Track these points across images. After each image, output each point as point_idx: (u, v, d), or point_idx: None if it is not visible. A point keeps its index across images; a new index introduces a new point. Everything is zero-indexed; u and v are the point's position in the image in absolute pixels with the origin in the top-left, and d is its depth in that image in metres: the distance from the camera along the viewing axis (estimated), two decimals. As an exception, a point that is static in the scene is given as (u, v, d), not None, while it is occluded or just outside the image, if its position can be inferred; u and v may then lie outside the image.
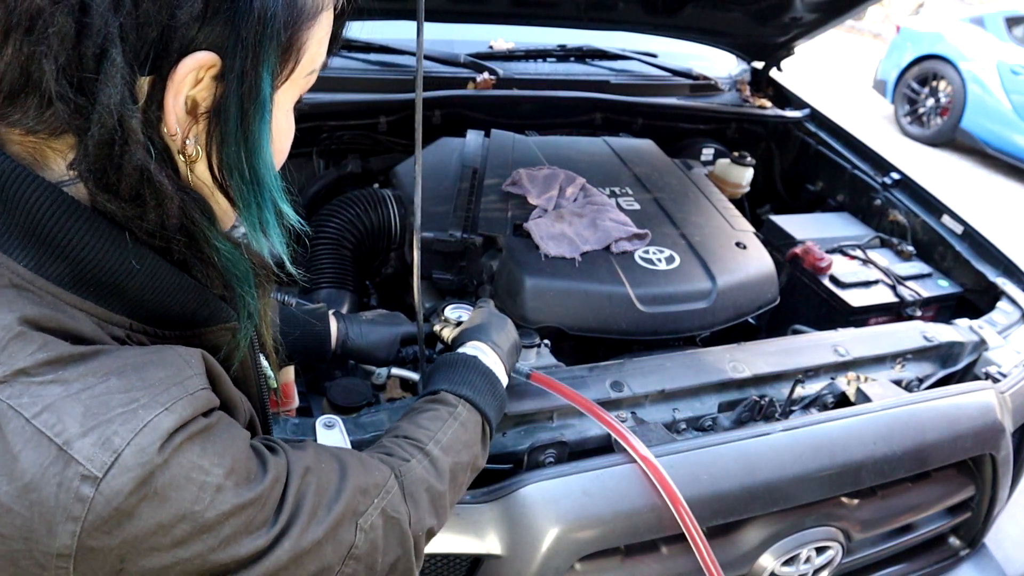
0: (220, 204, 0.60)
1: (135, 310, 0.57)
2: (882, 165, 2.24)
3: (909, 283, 1.86)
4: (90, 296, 0.54)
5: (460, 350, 1.03)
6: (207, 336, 0.64)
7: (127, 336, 0.57)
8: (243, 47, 0.51)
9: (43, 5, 0.47)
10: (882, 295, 1.81)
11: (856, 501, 1.31)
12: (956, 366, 1.59)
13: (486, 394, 0.94)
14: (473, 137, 1.99)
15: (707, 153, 2.46)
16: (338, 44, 0.68)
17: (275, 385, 0.84)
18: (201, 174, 0.57)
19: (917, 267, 1.94)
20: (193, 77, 0.51)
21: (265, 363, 0.82)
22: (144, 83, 0.51)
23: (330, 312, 1.22)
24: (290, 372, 1.23)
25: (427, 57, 2.17)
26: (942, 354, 1.60)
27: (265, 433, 0.78)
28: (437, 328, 1.26)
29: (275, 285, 0.77)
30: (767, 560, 1.23)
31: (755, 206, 2.49)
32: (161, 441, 0.49)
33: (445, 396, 0.91)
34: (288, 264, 0.63)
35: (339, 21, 0.66)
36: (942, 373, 1.57)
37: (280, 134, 0.61)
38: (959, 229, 1.98)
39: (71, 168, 0.52)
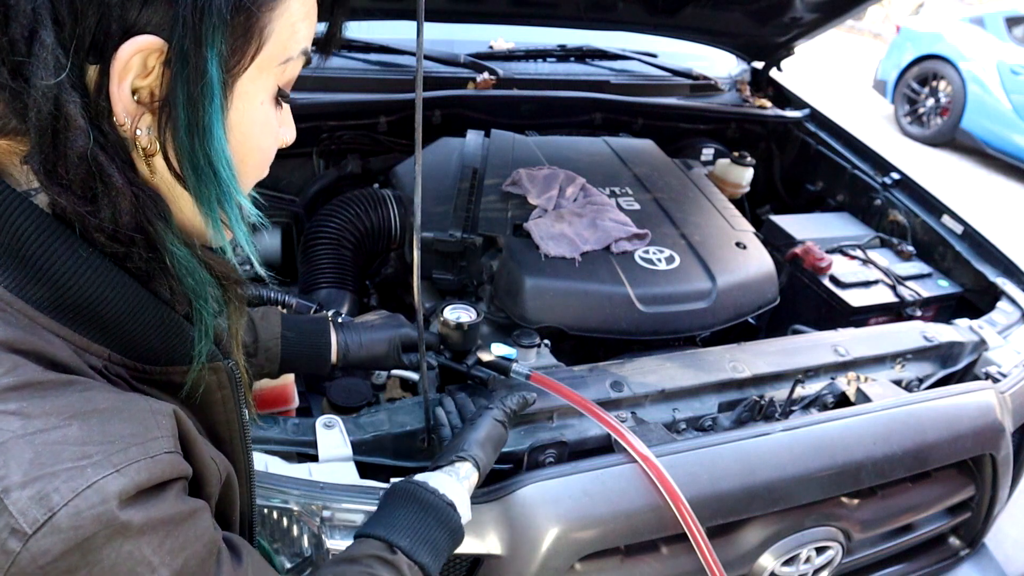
0: (185, 206, 0.57)
1: (113, 340, 0.54)
2: (882, 165, 2.24)
3: (909, 283, 1.86)
4: (67, 322, 0.52)
5: (434, 476, 0.92)
6: (186, 374, 0.61)
7: (104, 367, 0.54)
8: (183, 28, 0.48)
9: None
10: (882, 295, 1.81)
11: (856, 501, 1.31)
12: (956, 366, 1.59)
13: (427, 548, 0.82)
14: (473, 137, 1.99)
15: (707, 153, 2.46)
16: (335, 42, 0.65)
17: (253, 417, 0.78)
18: (160, 169, 0.54)
19: (917, 267, 1.94)
20: (140, 63, 0.48)
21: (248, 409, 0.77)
22: (92, 71, 0.49)
23: (330, 321, 1.20)
24: (290, 373, 1.23)
25: (427, 57, 2.17)
26: (942, 354, 1.60)
27: (248, 487, 0.74)
28: (439, 329, 1.26)
29: (247, 307, 0.73)
30: (767, 560, 1.23)
31: (755, 206, 2.49)
32: (103, 506, 0.45)
33: (375, 547, 0.79)
34: (256, 264, 0.59)
35: (332, 15, 0.64)
36: (942, 373, 1.57)
37: (252, 125, 0.57)
38: (959, 229, 1.98)
39: (24, 162, 0.50)
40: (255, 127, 0.57)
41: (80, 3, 0.46)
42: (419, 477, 0.92)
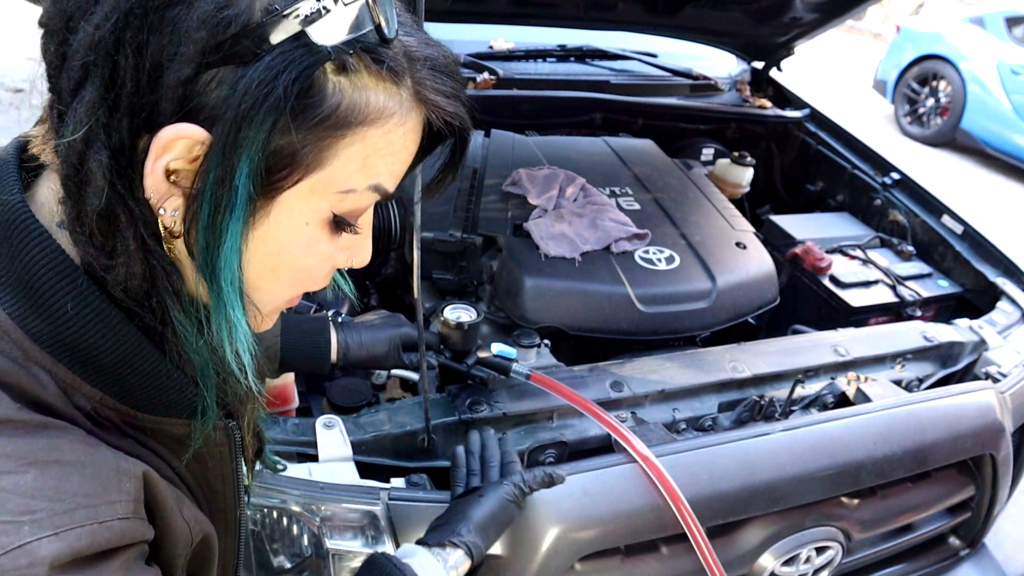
0: (203, 291, 0.54)
1: (107, 385, 0.53)
2: (882, 165, 2.24)
3: (909, 283, 1.86)
4: (63, 359, 0.50)
5: (420, 559, 0.86)
6: (181, 427, 0.58)
7: (94, 409, 0.52)
8: (222, 131, 0.46)
9: (51, 26, 0.46)
10: (882, 295, 1.81)
11: (856, 501, 1.31)
12: (956, 366, 1.59)
13: None
14: (473, 137, 1.99)
15: (707, 153, 2.46)
16: (435, 187, 0.61)
17: (247, 483, 0.76)
18: (181, 249, 0.52)
19: (917, 267, 1.94)
20: (183, 147, 0.47)
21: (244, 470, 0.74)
22: (140, 139, 0.48)
23: (330, 321, 1.20)
24: (290, 373, 1.23)
25: (427, 57, 2.17)
26: (942, 354, 1.60)
27: (236, 543, 0.73)
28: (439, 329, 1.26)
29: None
30: (767, 560, 1.23)
31: (755, 206, 2.49)
32: (29, 570, 0.42)
33: None
34: (250, 380, 0.55)
35: (445, 168, 0.60)
36: (942, 373, 1.57)
37: (291, 243, 0.53)
38: (959, 229, 1.98)
39: (60, 202, 0.50)
40: (294, 245, 0.54)
41: (136, 74, 0.45)
42: (404, 554, 0.87)
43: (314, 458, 1.08)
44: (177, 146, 0.47)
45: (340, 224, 0.55)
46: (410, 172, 0.59)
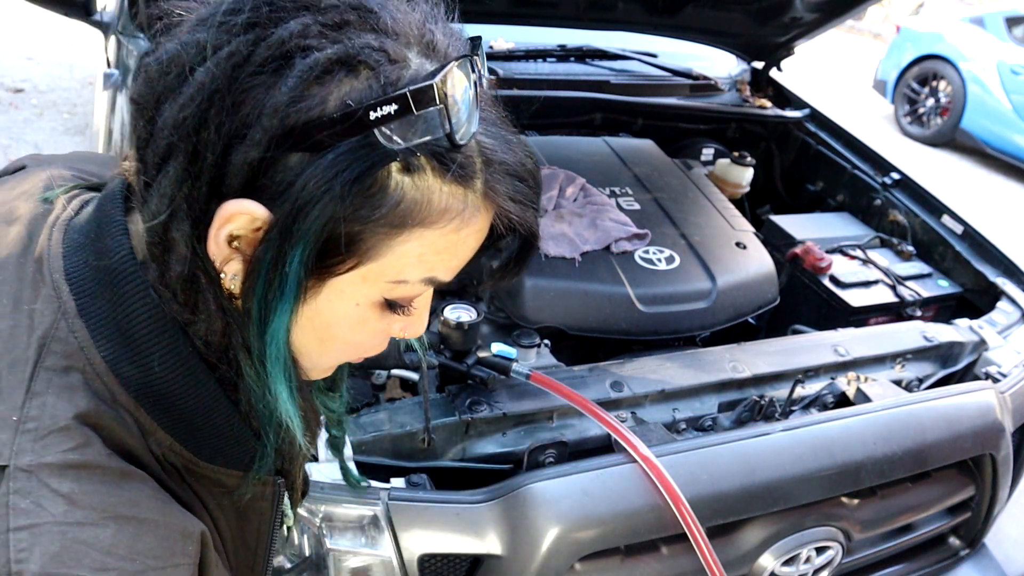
0: None
1: (180, 432, 0.55)
2: (882, 165, 2.24)
3: (909, 283, 1.86)
4: (146, 405, 0.53)
5: None
6: (235, 478, 0.61)
7: (163, 455, 0.55)
8: (278, 216, 0.47)
9: (142, 103, 0.49)
10: (882, 295, 1.81)
11: (856, 501, 1.31)
12: (956, 366, 1.59)
13: None
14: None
15: (707, 153, 2.46)
16: (468, 269, 0.61)
17: (290, 525, 0.78)
18: (240, 309, 0.54)
19: (917, 267, 1.94)
20: (246, 220, 0.48)
21: (289, 514, 0.77)
22: (211, 206, 0.50)
23: None
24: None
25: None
26: (942, 354, 1.61)
27: None
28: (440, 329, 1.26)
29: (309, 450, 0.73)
30: (767, 560, 1.23)
31: (755, 206, 2.49)
32: None
33: None
34: (297, 438, 0.57)
35: (505, 269, 0.61)
36: (942, 373, 1.57)
37: (341, 321, 0.55)
38: (959, 229, 1.98)
39: (143, 256, 0.53)
40: (343, 323, 0.55)
41: (214, 150, 0.46)
42: None
43: (314, 458, 1.08)
44: (239, 219, 0.48)
45: (392, 306, 0.55)
46: (470, 263, 0.59)
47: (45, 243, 0.55)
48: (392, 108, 0.45)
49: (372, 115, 0.45)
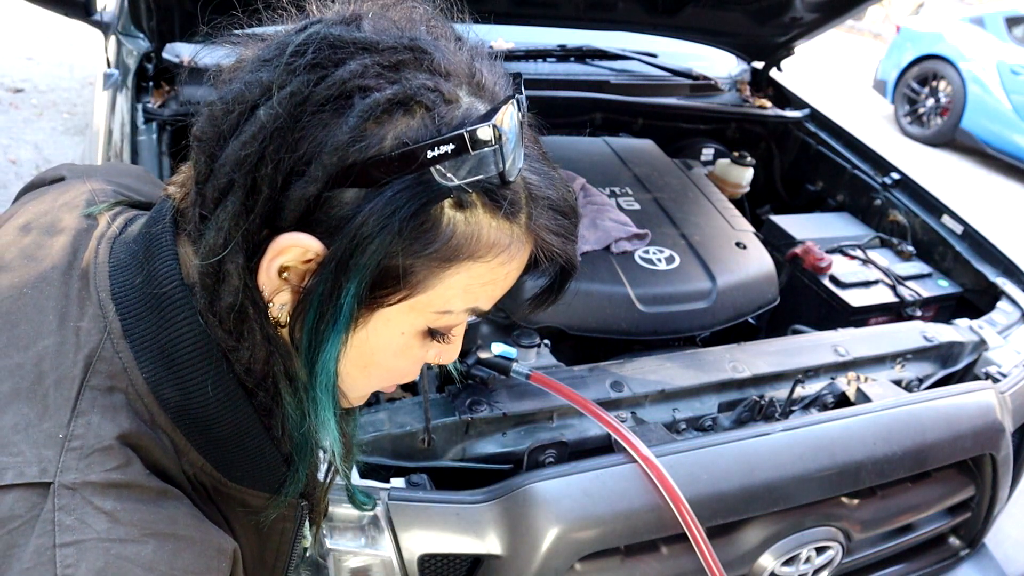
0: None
1: (212, 454, 0.57)
2: (882, 165, 2.24)
3: (909, 283, 1.86)
4: (182, 426, 0.54)
5: None
6: (260, 499, 0.63)
7: (194, 474, 0.56)
8: (335, 251, 0.49)
9: (204, 139, 0.51)
10: (882, 295, 1.81)
11: (856, 501, 1.31)
12: (956, 366, 1.59)
13: None
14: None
15: (707, 153, 2.46)
16: (522, 299, 0.64)
17: (307, 545, 0.82)
18: (286, 338, 0.56)
19: (917, 267, 1.94)
20: (298, 252, 0.50)
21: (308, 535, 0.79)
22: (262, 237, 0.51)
23: None
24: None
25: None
26: (942, 354, 1.60)
27: None
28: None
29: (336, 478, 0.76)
30: (767, 560, 1.23)
31: (755, 206, 2.49)
32: None
33: None
34: (337, 463, 0.61)
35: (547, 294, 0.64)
36: (942, 373, 1.57)
37: (386, 349, 0.57)
38: (959, 229, 1.98)
39: (191, 284, 0.54)
40: (388, 351, 0.57)
41: (272, 184, 0.48)
42: None
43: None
44: (293, 252, 0.50)
45: (433, 334, 0.58)
46: (509, 293, 0.61)
47: (91, 259, 0.56)
48: (449, 148, 0.47)
49: (429, 154, 0.47)
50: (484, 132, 0.48)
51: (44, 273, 0.56)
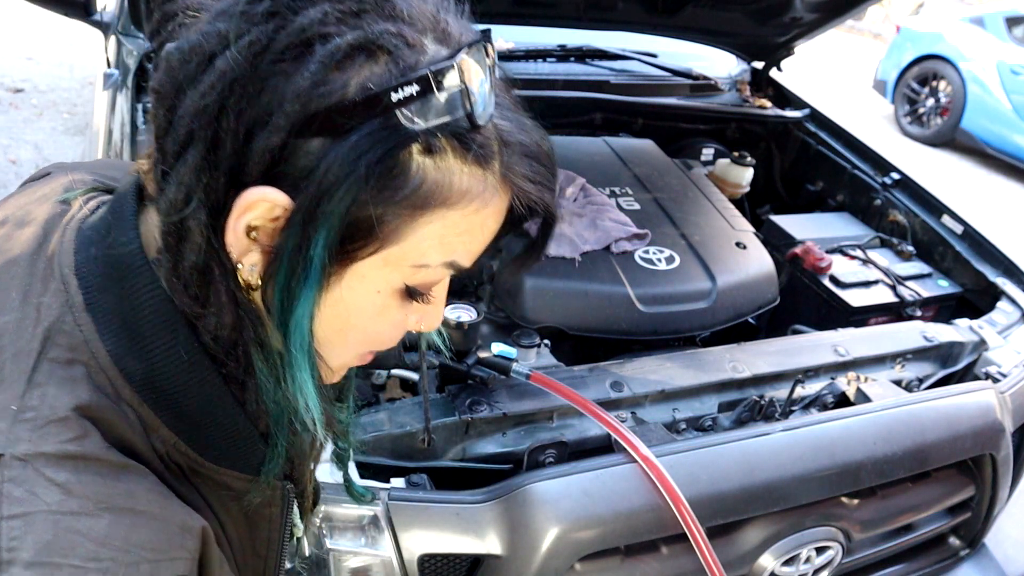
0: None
1: (184, 431, 0.54)
2: (882, 165, 2.24)
3: (909, 283, 1.86)
4: (149, 400, 0.53)
5: None
6: (241, 481, 0.60)
7: (166, 453, 0.54)
8: (302, 201, 0.47)
9: (162, 92, 0.49)
10: (882, 295, 1.81)
11: (856, 501, 1.31)
12: (956, 366, 1.59)
13: None
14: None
15: (707, 153, 2.46)
16: (489, 253, 0.61)
17: (300, 535, 0.77)
18: (259, 302, 0.54)
19: (917, 267, 1.94)
20: (266, 208, 0.48)
21: (299, 522, 0.75)
22: (229, 196, 0.49)
23: None
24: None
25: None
26: (942, 354, 1.60)
27: None
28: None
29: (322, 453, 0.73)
30: (767, 560, 1.23)
31: (755, 206, 2.49)
32: None
33: None
34: (318, 433, 0.56)
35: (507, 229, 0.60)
36: (942, 373, 1.57)
37: (362, 309, 0.54)
38: (959, 229, 1.98)
39: (157, 248, 0.52)
40: (364, 311, 0.55)
41: (234, 137, 0.47)
42: None
43: (314, 458, 1.08)
44: (259, 207, 0.48)
45: (412, 294, 0.55)
46: (489, 247, 0.60)
47: (58, 240, 0.55)
48: (413, 89, 0.46)
49: (393, 96, 0.46)
50: (451, 75, 0.47)
51: (12, 259, 0.55)
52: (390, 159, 0.47)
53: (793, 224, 2.06)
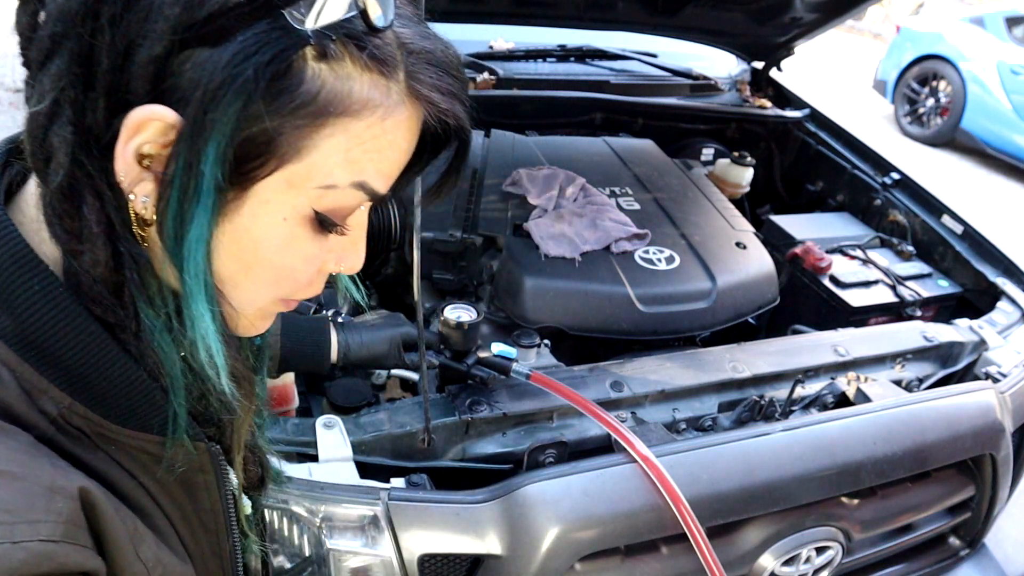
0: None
1: (76, 389, 0.49)
2: (882, 165, 2.24)
3: (909, 283, 1.86)
4: (30, 359, 0.47)
5: None
6: (155, 445, 0.54)
7: (61, 416, 0.48)
8: (191, 114, 0.44)
9: None
10: (882, 295, 1.81)
11: (856, 501, 1.31)
12: (956, 366, 1.59)
13: None
14: (473, 137, 1.99)
15: (707, 153, 2.46)
16: (406, 183, 0.57)
17: (248, 513, 0.70)
18: (154, 239, 0.49)
19: (917, 267, 1.94)
20: (156, 130, 0.44)
21: (246, 500, 0.69)
22: (115, 121, 0.45)
23: (330, 321, 1.21)
24: (290, 373, 1.23)
25: (427, 57, 2.17)
26: (942, 354, 1.60)
27: None
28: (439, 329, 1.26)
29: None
30: (767, 560, 1.23)
31: (755, 206, 2.50)
32: None
33: None
34: (222, 382, 0.51)
35: (419, 162, 0.57)
36: (942, 373, 1.57)
37: (267, 240, 0.50)
38: (959, 229, 1.98)
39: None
40: (271, 241, 0.51)
41: (112, 51, 0.43)
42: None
43: (314, 458, 1.08)
44: (149, 128, 0.44)
45: (324, 223, 0.52)
46: (409, 176, 0.57)
47: None
48: None
49: None
50: None
51: None
52: (281, 63, 0.44)
53: (793, 224, 2.06)
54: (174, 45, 0.43)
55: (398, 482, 1.09)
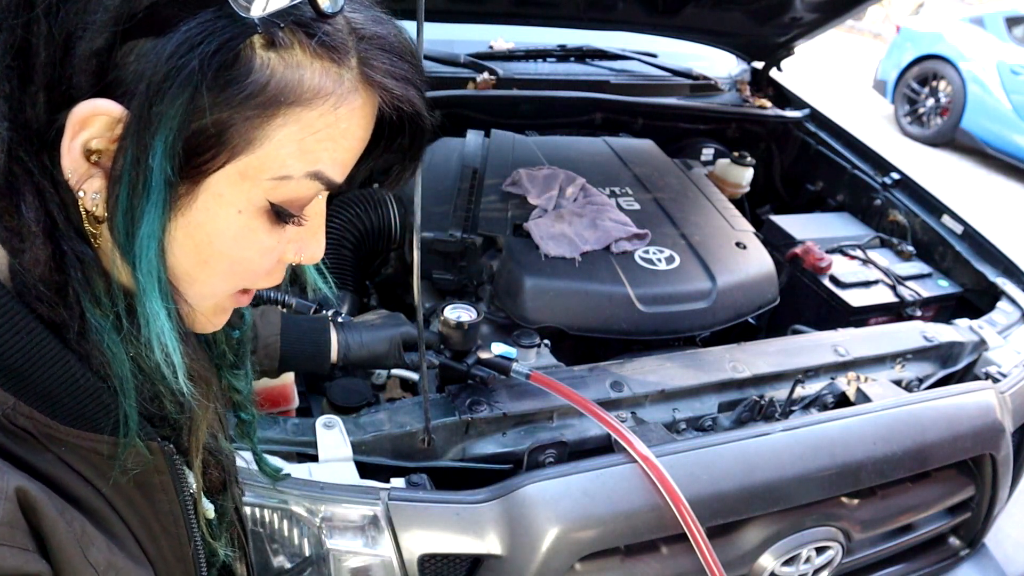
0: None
1: (18, 388, 0.47)
2: (882, 165, 2.24)
3: (909, 283, 1.86)
4: None
5: None
6: (106, 445, 0.52)
7: (5, 416, 0.47)
8: (135, 109, 0.43)
9: None
10: (882, 295, 1.81)
11: (856, 501, 1.31)
12: (956, 366, 1.59)
13: None
14: (473, 137, 1.99)
15: (707, 153, 2.46)
16: (364, 172, 0.56)
17: (211, 517, 0.67)
18: (106, 237, 0.48)
19: (917, 267, 1.94)
20: (103, 125, 0.43)
21: (208, 504, 0.67)
22: (59, 116, 0.44)
23: (330, 321, 1.21)
24: (290, 373, 1.23)
25: (427, 57, 2.17)
26: (942, 354, 1.60)
27: None
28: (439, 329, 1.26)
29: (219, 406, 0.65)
30: (767, 560, 1.23)
31: (755, 206, 2.50)
32: None
33: None
34: (180, 382, 0.50)
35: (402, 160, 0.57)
36: (942, 373, 1.57)
37: (222, 233, 0.49)
38: (959, 229, 1.98)
39: None
40: (225, 234, 0.49)
41: (50, 44, 0.42)
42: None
43: (314, 458, 1.08)
44: (95, 123, 0.43)
45: (281, 215, 0.50)
46: (367, 163, 0.56)
47: None
48: None
49: None
50: None
51: None
52: (227, 52, 0.43)
53: (793, 224, 2.06)
54: (116, 36, 0.42)
55: (398, 482, 1.09)
